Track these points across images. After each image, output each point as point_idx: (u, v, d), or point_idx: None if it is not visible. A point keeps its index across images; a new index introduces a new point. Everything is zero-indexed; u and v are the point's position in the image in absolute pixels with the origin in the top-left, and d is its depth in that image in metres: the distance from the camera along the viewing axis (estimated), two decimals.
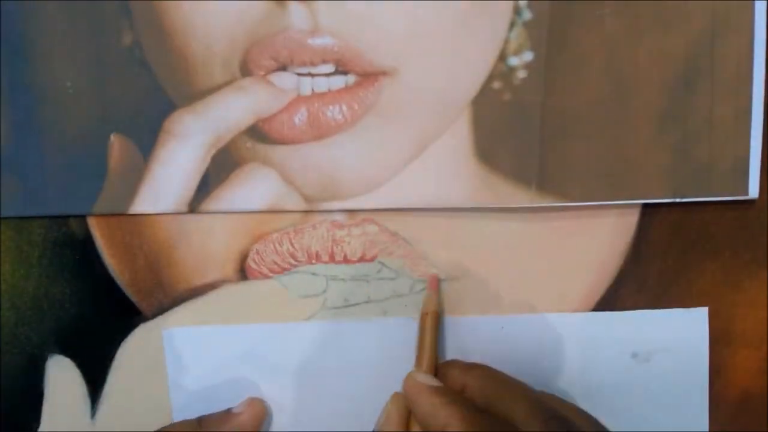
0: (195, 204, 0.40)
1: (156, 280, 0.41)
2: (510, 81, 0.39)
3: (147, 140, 0.39)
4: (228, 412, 0.41)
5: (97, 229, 0.41)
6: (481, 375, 0.37)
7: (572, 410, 0.36)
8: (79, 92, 0.39)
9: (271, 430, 0.42)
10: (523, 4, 0.39)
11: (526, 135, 0.40)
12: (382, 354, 0.42)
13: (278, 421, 0.42)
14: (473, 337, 0.42)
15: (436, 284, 0.41)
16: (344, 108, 0.39)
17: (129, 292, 0.41)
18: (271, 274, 0.41)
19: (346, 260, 0.41)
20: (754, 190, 0.40)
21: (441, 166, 0.40)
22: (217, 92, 0.39)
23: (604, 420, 0.42)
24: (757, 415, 0.43)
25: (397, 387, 0.38)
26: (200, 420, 0.41)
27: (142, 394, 0.42)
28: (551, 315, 0.42)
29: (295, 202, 0.40)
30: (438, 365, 0.39)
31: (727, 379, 0.43)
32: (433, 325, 0.40)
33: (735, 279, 0.42)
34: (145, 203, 0.40)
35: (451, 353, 0.42)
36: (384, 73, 0.39)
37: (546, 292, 0.42)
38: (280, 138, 0.39)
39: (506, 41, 0.39)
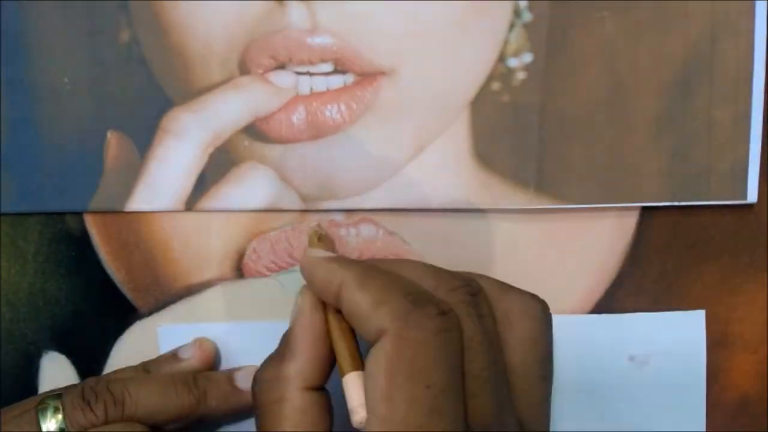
0: (192, 202, 0.40)
1: (152, 278, 0.41)
2: (509, 82, 0.39)
3: (144, 138, 0.39)
4: (174, 356, 0.40)
5: (93, 226, 0.41)
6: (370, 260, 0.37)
7: (475, 274, 0.35)
8: (77, 89, 0.39)
9: None
10: (523, 5, 0.38)
11: (525, 136, 0.39)
12: None
13: None
14: None
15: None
16: (342, 107, 0.39)
17: (125, 289, 0.41)
18: (268, 273, 0.41)
19: None
20: (752, 195, 0.40)
21: (439, 167, 0.40)
22: (215, 90, 0.39)
23: (603, 423, 0.42)
24: (754, 418, 0.43)
25: None
26: (145, 365, 0.40)
27: None
28: None
29: (292, 202, 0.40)
30: None
31: (725, 382, 0.43)
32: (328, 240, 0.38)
33: (733, 282, 0.42)
34: (141, 201, 0.40)
35: None
36: (383, 73, 0.39)
37: (544, 294, 0.41)
38: (278, 137, 0.39)
39: (506, 42, 0.39)
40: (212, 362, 0.41)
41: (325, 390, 0.33)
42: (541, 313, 0.34)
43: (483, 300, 0.33)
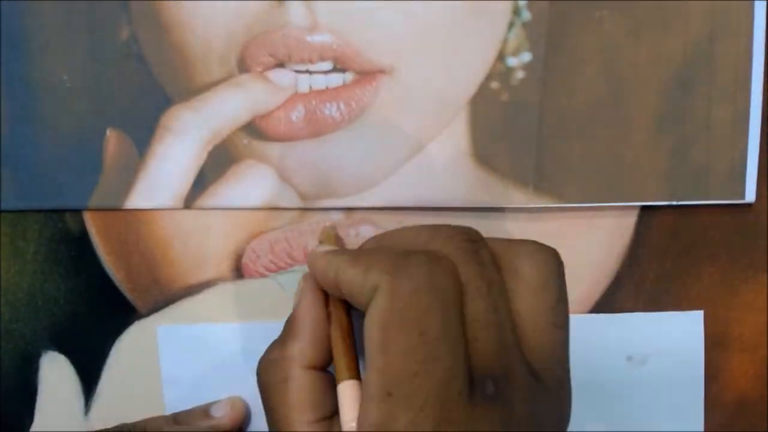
0: (191, 200, 0.40)
1: (151, 278, 0.41)
2: (508, 81, 0.39)
3: (143, 135, 0.39)
4: (206, 412, 0.41)
5: (93, 226, 0.41)
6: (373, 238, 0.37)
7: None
8: (76, 86, 0.39)
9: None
10: (522, 4, 0.39)
11: (524, 135, 0.39)
12: None
13: None
14: None
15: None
16: (342, 106, 0.39)
17: (124, 289, 0.41)
18: (267, 273, 0.41)
19: None
20: (750, 194, 0.40)
21: (438, 166, 0.40)
22: (214, 88, 0.39)
23: (602, 423, 0.42)
24: (753, 419, 0.43)
25: None
26: (176, 417, 0.40)
27: (136, 391, 0.42)
28: None
29: (291, 200, 0.40)
30: None
31: (724, 383, 0.42)
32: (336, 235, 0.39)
33: (732, 283, 0.42)
34: (140, 198, 0.40)
35: None
36: (382, 72, 0.39)
37: None
38: (277, 135, 0.39)
39: (505, 41, 0.39)
40: (243, 423, 0.41)
41: (329, 371, 0.34)
42: (551, 258, 0.33)
43: (483, 248, 0.32)
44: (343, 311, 0.35)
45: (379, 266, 0.30)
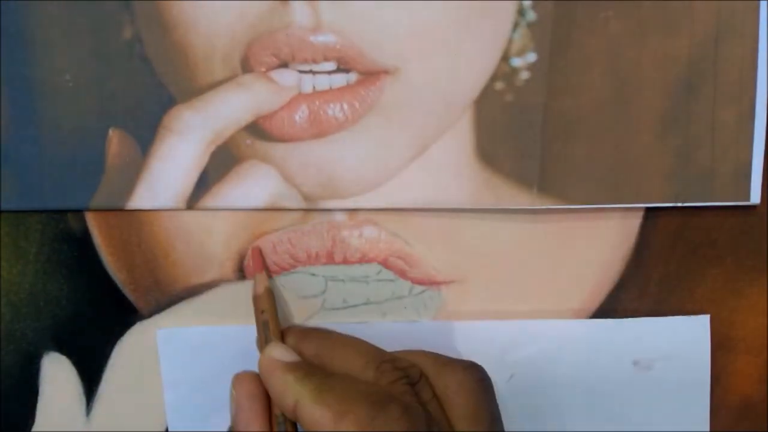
0: (193, 200, 0.40)
1: (153, 279, 0.41)
2: (513, 82, 0.39)
3: (146, 135, 0.39)
4: None
5: (95, 227, 0.41)
6: (315, 338, 0.38)
7: (415, 353, 0.37)
8: (79, 86, 0.39)
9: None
10: (527, 4, 0.38)
11: (528, 136, 0.39)
12: None
13: None
14: (471, 342, 0.42)
15: (260, 261, 0.41)
16: (345, 106, 0.39)
17: (126, 290, 0.41)
18: (270, 274, 0.41)
19: (345, 261, 0.41)
20: (755, 196, 0.40)
21: (442, 167, 0.40)
22: (217, 88, 0.39)
23: (608, 427, 0.42)
24: (758, 422, 0.43)
25: None
26: None
27: (138, 393, 0.42)
28: (552, 321, 0.42)
29: (294, 201, 0.40)
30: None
31: (728, 386, 0.42)
32: (271, 301, 0.40)
33: (736, 285, 0.42)
34: (142, 199, 0.40)
35: None
36: (386, 72, 0.39)
37: (546, 295, 0.41)
38: (280, 135, 0.39)
39: (509, 42, 0.39)
40: None
41: None
42: (477, 383, 0.36)
43: (424, 386, 0.35)
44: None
45: (353, 416, 0.31)
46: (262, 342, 0.39)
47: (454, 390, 0.35)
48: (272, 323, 0.39)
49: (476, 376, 0.36)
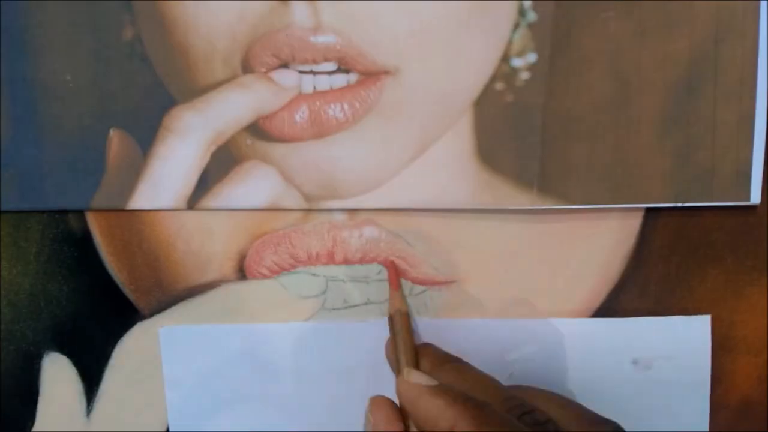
0: (194, 201, 0.40)
1: (154, 279, 0.41)
2: (513, 82, 0.39)
3: (146, 136, 0.39)
4: None
5: (95, 227, 0.41)
6: (451, 368, 0.37)
7: (550, 398, 0.36)
8: (79, 86, 0.39)
9: (270, 430, 0.42)
10: (527, 5, 0.38)
11: (528, 137, 0.39)
12: (381, 356, 0.41)
13: (277, 421, 0.42)
14: (472, 341, 0.42)
15: (396, 280, 0.41)
16: (346, 106, 0.39)
17: (127, 290, 0.41)
18: (270, 274, 0.41)
19: (346, 261, 0.41)
20: (756, 196, 0.40)
21: (442, 167, 0.40)
22: (218, 89, 0.39)
23: None
24: (757, 422, 0.43)
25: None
26: None
27: (138, 393, 0.42)
28: (551, 320, 0.42)
29: (294, 201, 0.40)
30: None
31: (728, 385, 0.42)
32: (405, 322, 0.39)
33: (736, 285, 0.42)
34: (143, 199, 0.40)
35: None
36: (386, 73, 0.39)
37: (547, 295, 0.41)
38: (281, 136, 0.39)
39: (510, 42, 0.39)
40: None
41: None
42: None
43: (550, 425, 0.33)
44: None
45: None
46: (394, 362, 0.39)
47: None
48: (406, 345, 0.39)
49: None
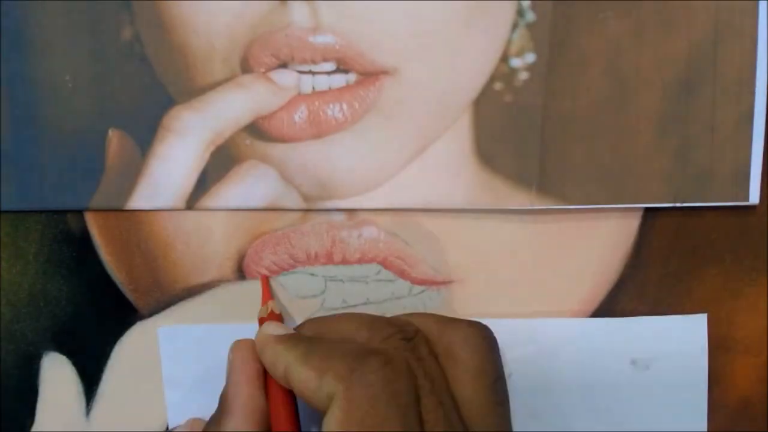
0: (193, 201, 0.40)
1: (153, 279, 0.41)
2: (511, 82, 0.39)
3: (145, 136, 0.39)
4: None
5: (94, 227, 0.41)
6: (317, 319, 0.38)
7: (419, 315, 0.37)
8: (78, 86, 0.39)
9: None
10: (526, 5, 0.38)
11: (527, 137, 0.39)
12: None
13: None
14: None
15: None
16: (344, 106, 0.39)
17: (126, 290, 0.41)
18: (269, 274, 0.41)
19: (344, 261, 0.41)
20: (754, 196, 0.40)
21: (441, 167, 0.40)
22: (216, 89, 0.39)
23: (605, 426, 0.42)
24: (756, 422, 0.43)
25: None
26: None
27: (138, 392, 0.42)
28: (550, 320, 0.42)
29: (293, 201, 0.40)
30: None
31: (726, 386, 0.42)
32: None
33: (735, 285, 0.42)
34: (142, 199, 0.40)
35: None
36: (385, 73, 0.39)
37: (545, 295, 0.41)
38: (280, 136, 0.39)
39: (508, 42, 0.39)
40: None
41: None
42: (482, 340, 0.35)
43: (420, 342, 0.34)
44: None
45: (333, 371, 0.31)
46: None
47: (459, 346, 0.35)
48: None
49: (481, 333, 0.36)
